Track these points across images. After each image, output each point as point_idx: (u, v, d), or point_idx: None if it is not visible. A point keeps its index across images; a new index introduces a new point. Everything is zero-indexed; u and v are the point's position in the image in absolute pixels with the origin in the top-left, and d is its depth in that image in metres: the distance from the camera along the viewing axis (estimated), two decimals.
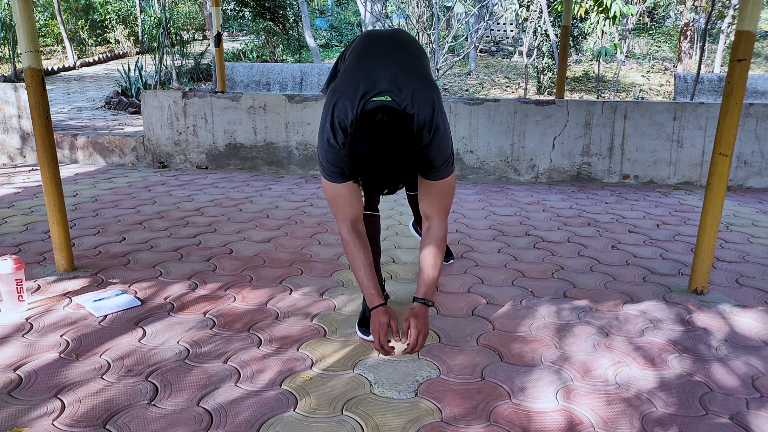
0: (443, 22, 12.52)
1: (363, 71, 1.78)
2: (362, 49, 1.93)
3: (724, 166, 2.48)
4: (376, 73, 1.76)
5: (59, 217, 2.75)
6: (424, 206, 1.92)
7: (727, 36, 13.11)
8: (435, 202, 1.90)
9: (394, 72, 1.77)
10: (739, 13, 2.41)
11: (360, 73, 1.78)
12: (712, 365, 2.02)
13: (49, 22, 15.54)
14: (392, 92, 1.73)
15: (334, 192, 1.90)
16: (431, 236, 1.92)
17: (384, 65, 1.79)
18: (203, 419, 1.66)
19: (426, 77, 1.84)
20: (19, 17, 2.50)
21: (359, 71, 1.79)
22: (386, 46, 1.91)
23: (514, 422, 1.68)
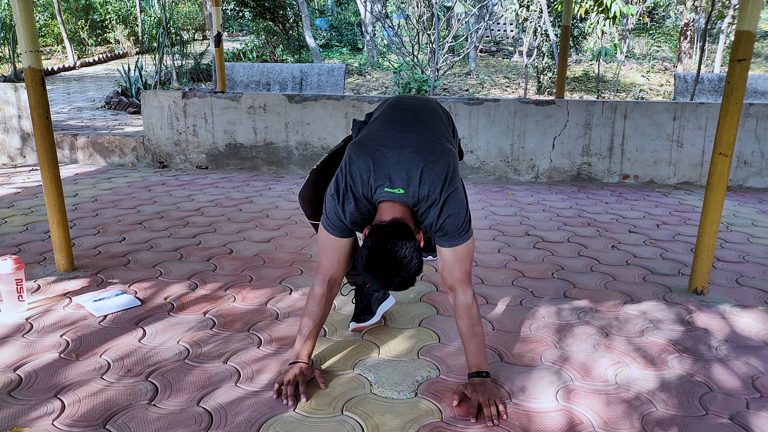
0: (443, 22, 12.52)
1: (380, 153, 1.78)
2: (386, 122, 1.92)
3: (724, 166, 2.48)
4: (390, 159, 1.77)
5: (59, 217, 2.75)
6: (445, 276, 1.85)
7: (727, 36, 13.11)
8: (455, 269, 1.81)
9: (408, 156, 1.77)
10: (739, 13, 2.41)
11: (377, 153, 1.78)
12: (712, 365, 2.02)
13: (49, 22, 15.54)
14: (403, 183, 1.75)
15: (328, 244, 1.87)
16: (460, 306, 1.82)
17: (400, 146, 1.78)
18: (203, 419, 1.66)
19: (440, 148, 1.82)
20: (19, 17, 2.50)
21: (376, 151, 1.79)
22: (406, 124, 1.88)
23: (514, 422, 1.67)
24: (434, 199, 1.74)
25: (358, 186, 1.78)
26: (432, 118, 1.96)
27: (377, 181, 1.76)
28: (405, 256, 1.65)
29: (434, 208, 1.75)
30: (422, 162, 1.74)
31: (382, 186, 1.76)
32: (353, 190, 1.78)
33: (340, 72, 8.56)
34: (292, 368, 1.82)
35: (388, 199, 1.77)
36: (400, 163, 1.75)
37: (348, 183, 1.79)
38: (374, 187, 1.77)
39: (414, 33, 10.96)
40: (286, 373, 1.81)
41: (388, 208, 1.76)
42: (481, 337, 1.81)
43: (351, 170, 1.78)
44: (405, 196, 1.76)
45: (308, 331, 1.87)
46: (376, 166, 1.76)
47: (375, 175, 1.76)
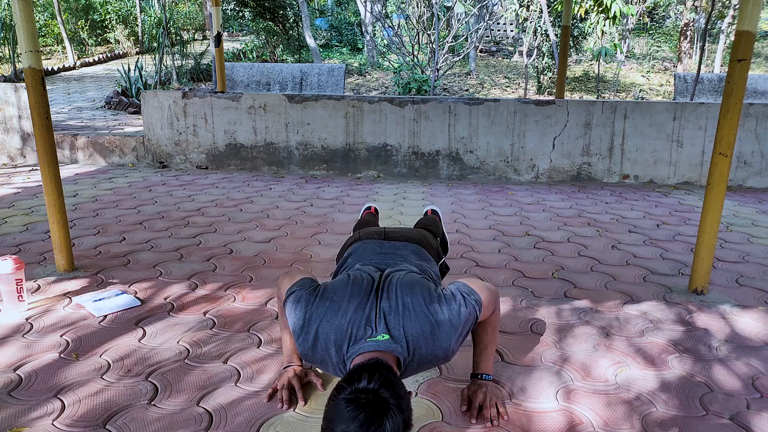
0: (443, 22, 12.52)
1: (355, 302, 1.59)
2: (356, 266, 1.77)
3: (724, 166, 2.48)
4: (364, 308, 1.58)
5: (59, 217, 2.75)
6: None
7: (727, 36, 13.11)
8: (490, 316, 1.73)
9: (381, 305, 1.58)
10: (739, 13, 2.41)
11: (352, 301, 1.59)
12: (713, 366, 2.01)
13: (49, 22, 15.54)
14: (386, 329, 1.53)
15: (282, 320, 1.76)
16: (488, 321, 1.76)
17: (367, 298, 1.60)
18: (203, 419, 1.66)
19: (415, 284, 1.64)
20: (19, 17, 2.50)
21: (351, 299, 1.59)
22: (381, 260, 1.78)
23: (514, 422, 1.67)
24: (431, 339, 1.53)
25: (326, 337, 1.54)
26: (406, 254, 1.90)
27: (358, 329, 1.53)
28: (393, 428, 1.25)
29: (439, 347, 1.53)
30: (403, 297, 1.58)
31: (362, 331, 1.52)
32: (317, 336, 1.55)
33: (340, 72, 8.56)
34: (287, 372, 1.82)
35: (368, 351, 1.49)
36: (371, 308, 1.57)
37: (316, 334, 1.55)
38: (351, 344, 1.52)
39: (414, 33, 10.96)
40: (281, 377, 1.81)
41: (367, 359, 1.46)
42: (495, 345, 1.82)
43: (322, 322, 1.56)
44: (391, 345, 1.51)
45: (290, 339, 1.84)
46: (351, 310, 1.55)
47: (354, 324, 1.54)
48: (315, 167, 5.58)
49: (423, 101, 5.34)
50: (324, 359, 1.56)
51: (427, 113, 5.34)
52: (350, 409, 1.23)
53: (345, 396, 1.26)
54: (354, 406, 1.23)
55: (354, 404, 1.23)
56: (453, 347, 1.57)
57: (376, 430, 1.23)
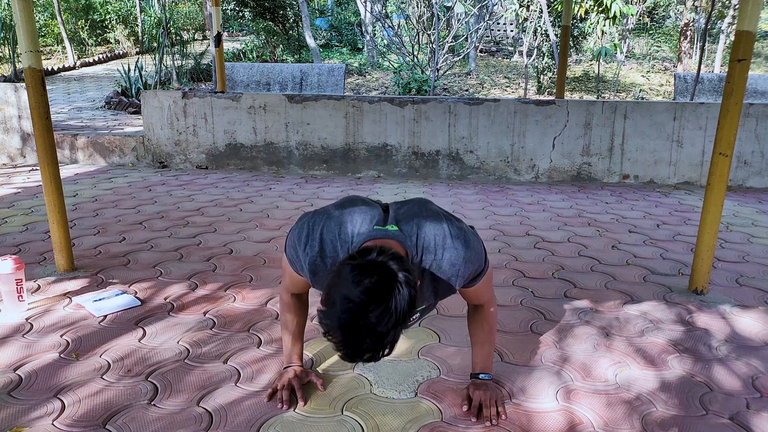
0: (443, 22, 12.52)
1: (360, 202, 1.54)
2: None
3: (724, 166, 2.48)
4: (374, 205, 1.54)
5: (59, 217, 2.75)
6: (470, 300, 1.72)
7: (727, 36, 13.11)
8: (481, 294, 1.68)
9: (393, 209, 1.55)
10: (739, 13, 2.41)
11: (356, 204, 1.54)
12: (713, 365, 2.01)
13: (49, 22, 15.54)
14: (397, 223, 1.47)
15: (290, 272, 1.66)
16: (483, 318, 1.73)
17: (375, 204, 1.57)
18: (203, 419, 1.66)
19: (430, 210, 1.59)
20: (19, 17, 2.50)
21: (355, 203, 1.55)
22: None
23: (514, 422, 1.67)
24: (443, 246, 1.45)
25: (332, 235, 1.46)
26: None
27: (362, 224, 1.45)
28: (397, 305, 1.17)
29: (449, 259, 1.45)
30: (418, 209, 1.53)
31: (368, 225, 1.45)
32: (322, 238, 1.48)
33: (340, 72, 8.56)
34: (287, 372, 1.81)
35: (377, 237, 1.42)
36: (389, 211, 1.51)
37: (321, 236, 1.48)
38: (356, 233, 1.44)
39: (414, 33, 10.96)
40: (281, 378, 1.80)
41: (374, 244, 1.35)
42: (493, 344, 1.81)
43: (325, 224, 1.50)
44: (400, 235, 1.43)
45: (290, 338, 1.83)
46: (359, 212, 1.49)
47: (357, 221, 1.46)
48: (315, 167, 5.58)
49: (423, 101, 5.34)
50: (335, 261, 1.45)
51: (427, 113, 5.34)
52: (355, 274, 1.15)
53: (352, 262, 1.18)
54: (359, 271, 1.15)
55: (360, 270, 1.15)
56: (462, 270, 1.47)
57: (380, 299, 1.15)
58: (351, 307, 1.16)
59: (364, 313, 1.16)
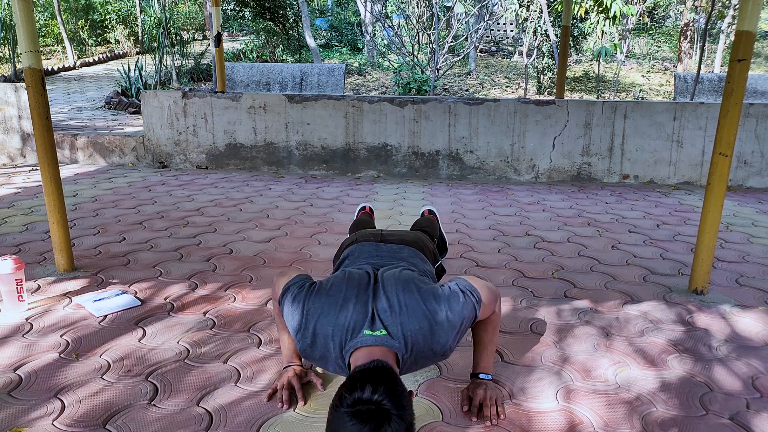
0: (443, 22, 12.51)
1: (350, 297, 1.60)
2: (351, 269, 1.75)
3: (724, 166, 2.48)
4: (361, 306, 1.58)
5: (59, 217, 2.75)
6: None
7: (727, 36, 13.11)
8: (489, 315, 1.73)
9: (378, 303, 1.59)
10: (739, 13, 2.41)
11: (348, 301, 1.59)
12: (713, 366, 2.01)
13: (49, 22, 15.54)
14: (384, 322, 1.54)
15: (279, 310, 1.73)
16: (488, 321, 1.76)
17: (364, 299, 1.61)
18: (203, 419, 1.66)
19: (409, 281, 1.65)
20: (19, 17, 2.50)
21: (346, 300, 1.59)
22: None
23: (514, 422, 1.67)
24: (430, 337, 1.53)
25: (324, 332, 1.54)
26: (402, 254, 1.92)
27: (354, 326, 1.53)
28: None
29: (438, 343, 1.54)
30: (397, 301, 1.58)
31: (359, 328, 1.53)
32: (315, 333, 1.56)
33: (340, 72, 8.56)
34: (287, 372, 1.81)
35: (367, 345, 1.50)
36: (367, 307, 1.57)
37: (314, 324, 1.56)
38: (348, 337, 1.52)
39: (414, 33, 10.96)
40: (281, 377, 1.80)
41: (365, 354, 1.48)
42: (495, 345, 1.82)
43: (319, 319, 1.57)
44: (389, 341, 1.51)
45: (288, 339, 1.84)
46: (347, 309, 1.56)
47: (351, 320, 1.53)
48: (315, 167, 5.58)
49: (423, 101, 5.34)
50: (324, 355, 1.56)
51: (427, 113, 5.34)
52: (354, 423, 1.23)
53: (347, 409, 1.26)
54: (358, 420, 1.24)
55: (357, 418, 1.24)
56: (451, 344, 1.58)
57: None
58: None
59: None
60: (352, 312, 1.56)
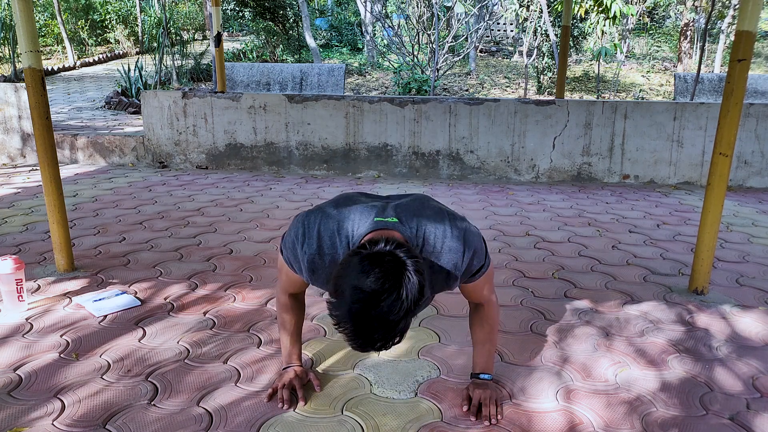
0: (443, 22, 12.51)
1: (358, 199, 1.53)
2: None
3: (724, 166, 2.48)
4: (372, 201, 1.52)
5: (59, 217, 2.75)
6: (470, 298, 1.72)
7: (727, 36, 13.10)
8: (482, 291, 1.68)
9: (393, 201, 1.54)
10: (739, 13, 2.41)
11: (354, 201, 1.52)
12: (713, 366, 2.01)
13: (49, 22, 15.54)
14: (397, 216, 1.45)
15: (286, 271, 1.65)
16: (484, 317, 1.72)
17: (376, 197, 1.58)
18: (203, 419, 1.66)
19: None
20: (19, 17, 2.50)
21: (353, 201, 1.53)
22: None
23: (514, 422, 1.67)
24: (443, 240, 1.44)
25: (332, 234, 1.44)
26: None
27: (361, 219, 1.43)
28: (407, 293, 1.16)
29: (448, 253, 1.44)
30: (419, 203, 1.53)
31: (368, 218, 1.43)
32: (320, 236, 1.47)
33: (340, 72, 8.56)
34: (287, 372, 1.81)
35: (378, 228, 1.40)
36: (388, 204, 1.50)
37: (318, 233, 1.47)
38: (356, 227, 1.43)
39: (414, 33, 10.95)
40: (281, 377, 1.80)
41: (375, 236, 1.35)
42: (495, 344, 1.80)
43: (321, 222, 1.48)
44: (400, 227, 1.41)
45: (288, 338, 1.82)
46: (359, 209, 1.48)
47: (356, 216, 1.44)
48: (315, 167, 5.58)
49: (423, 101, 5.34)
50: (334, 259, 1.43)
51: (427, 113, 5.34)
52: (365, 264, 1.14)
53: (358, 252, 1.17)
54: (369, 261, 1.14)
55: (369, 260, 1.14)
56: (460, 266, 1.46)
57: (391, 288, 1.14)
58: (362, 297, 1.16)
59: (375, 302, 1.16)
60: (359, 208, 1.45)
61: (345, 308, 1.18)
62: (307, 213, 1.58)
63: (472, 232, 1.52)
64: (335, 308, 1.21)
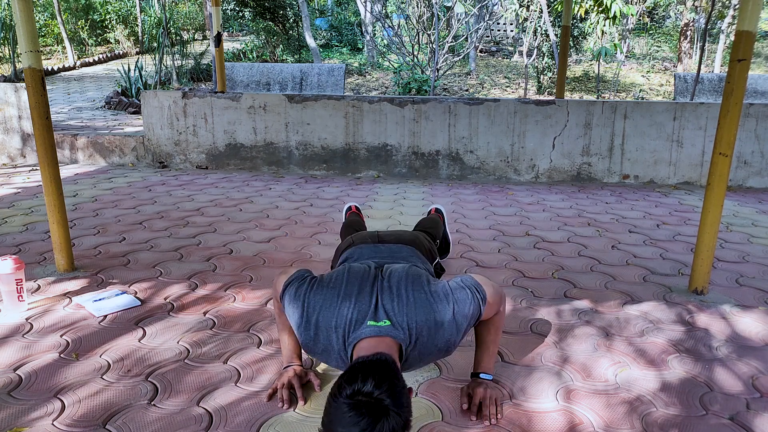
0: (443, 22, 12.51)
1: (352, 288, 1.61)
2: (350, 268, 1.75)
3: (724, 166, 2.48)
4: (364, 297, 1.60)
5: (59, 217, 2.75)
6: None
7: (727, 36, 13.10)
8: (493, 314, 1.74)
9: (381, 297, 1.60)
10: (739, 13, 2.41)
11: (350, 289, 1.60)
12: (713, 366, 2.01)
13: (49, 22, 15.54)
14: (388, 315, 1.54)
15: (281, 310, 1.76)
16: (492, 322, 1.76)
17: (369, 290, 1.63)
18: (203, 419, 1.66)
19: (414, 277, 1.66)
20: (19, 17, 2.50)
21: (349, 288, 1.62)
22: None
23: (514, 422, 1.67)
24: (436, 330, 1.54)
25: (327, 324, 1.55)
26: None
27: (357, 318, 1.53)
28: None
29: (442, 338, 1.55)
30: (405, 293, 1.60)
31: (362, 320, 1.53)
32: (318, 326, 1.57)
33: (340, 72, 8.56)
34: (287, 372, 1.81)
35: (372, 336, 1.50)
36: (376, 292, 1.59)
37: (316, 316, 1.57)
38: (351, 329, 1.53)
39: (414, 33, 10.96)
40: (281, 377, 1.80)
41: (369, 345, 1.48)
42: (497, 345, 1.82)
43: (322, 309, 1.58)
44: (393, 331, 1.51)
45: (288, 338, 1.84)
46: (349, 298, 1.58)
47: (354, 311, 1.54)
48: (315, 167, 5.58)
49: (423, 101, 5.34)
50: (326, 348, 1.56)
51: (427, 113, 5.34)
52: (351, 415, 1.24)
53: (345, 400, 1.26)
54: (355, 412, 1.24)
55: (355, 410, 1.24)
56: (455, 340, 1.58)
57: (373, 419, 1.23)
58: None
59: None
60: (355, 303, 1.56)
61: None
62: (307, 290, 1.63)
63: (459, 299, 1.59)
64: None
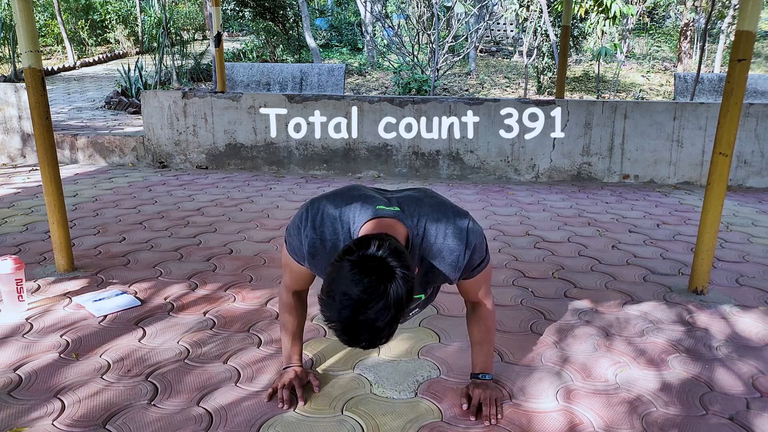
0: (443, 22, 12.51)
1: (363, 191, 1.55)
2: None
3: (724, 165, 2.48)
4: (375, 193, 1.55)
5: (59, 217, 2.75)
6: (468, 296, 1.72)
7: (727, 36, 13.10)
8: (479, 289, 1.68)
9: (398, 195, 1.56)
10: (739, 13, 2.41)
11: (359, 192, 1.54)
12: (713, 365, 2.01)
13: (49, 22, 15.54)
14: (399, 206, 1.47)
15: (290, 265, 1.67)
16: (480, 316, 1.73)
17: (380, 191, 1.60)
18: (203, 419, 1.66)
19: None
20: (19, 17, 2.50)
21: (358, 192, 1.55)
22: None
23: (514, 422, 1.67)
24: (444, 236, 1.46)
25: (332, 218, 1.48)
26: None
27: (363, 206, 1.45)
28: (395, 302, 1.20)
29: (448, 249, 1.46)
30: (422, 194, 1.56)
31: (371, 206, 1.45)
32: (323, 221, 1.51)
33: (340, 72, 8.56)
34: (287, 372, 1.81)
35: (378, 216, 1.42)
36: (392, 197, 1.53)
37: (321, 221, 1.51)
38: (358, 214, 1.45)
39: (414, 33, 10.95)
40: (281, 377, 1.80)
41: (376, 225, 1.40)
42: (493, 344, 1.80)
43: (324, 210, 1.52)
44: (402, 215, 1.44)
45: (289, 338, 1.82)
46: (362, 198, 1.50)
47: (358, 204, 1.46)
48: (315, 167, 5.58)
49: (423, 101, 5.34)
50: (335, 244, 1.47)
51: (427, 113, 5.33)
52: (354, 273, 1.19)
53: (351, 258, 1.20)
54: (359, 269, 1.19)
55: (359, 268, 1.19)
56: (462, 258, 1.48)
57: (378, 297, 1.18)
58: (350, 304, 1.20)
59: (362, 310, 1.20)
60: (362, 197, 1.48)
61: (335, 311, 1.22)
62: (312, 199, 1.61)
63: (473, 229, 1.53)
64: (326, 308, 1.25)
